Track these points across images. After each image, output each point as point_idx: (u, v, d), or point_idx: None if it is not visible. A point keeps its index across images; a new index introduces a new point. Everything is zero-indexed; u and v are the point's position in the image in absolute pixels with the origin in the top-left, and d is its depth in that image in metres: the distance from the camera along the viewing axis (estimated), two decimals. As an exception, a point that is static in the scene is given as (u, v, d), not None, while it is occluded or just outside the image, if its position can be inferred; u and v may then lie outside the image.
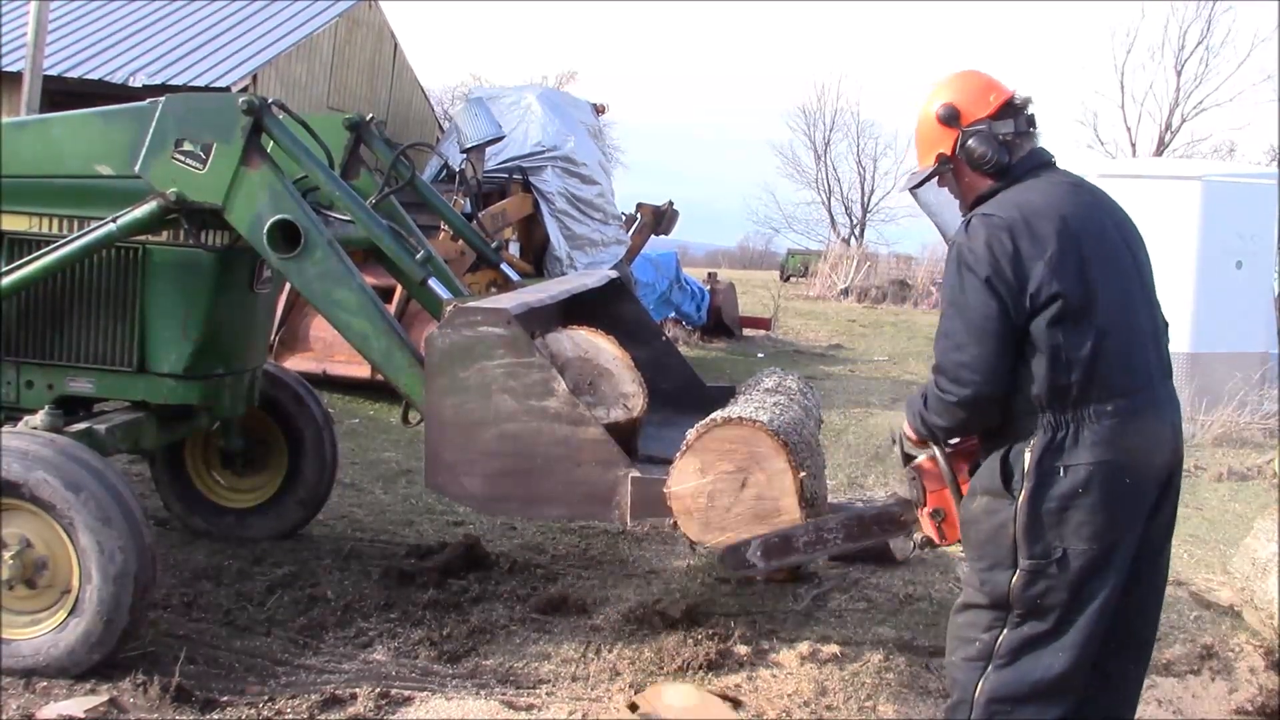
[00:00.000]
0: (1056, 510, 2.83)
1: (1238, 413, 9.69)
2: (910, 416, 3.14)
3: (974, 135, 3.02)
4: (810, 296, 27.99)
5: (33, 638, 3.75)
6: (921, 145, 3.16)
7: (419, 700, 3.76)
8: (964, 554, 3.09)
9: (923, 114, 3.14)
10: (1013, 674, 2.90)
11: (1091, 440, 2.83)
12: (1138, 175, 10.71)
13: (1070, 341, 2.82)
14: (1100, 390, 2.83)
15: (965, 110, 3.04)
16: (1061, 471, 2.83)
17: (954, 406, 2.92)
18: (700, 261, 43.86)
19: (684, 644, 4.26)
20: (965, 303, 2.87)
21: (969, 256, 2.87)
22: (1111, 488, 2.83)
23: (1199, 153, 37.99)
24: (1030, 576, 2.85)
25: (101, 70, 13.84)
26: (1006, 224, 2.86)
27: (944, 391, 2.92)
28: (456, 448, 3.73)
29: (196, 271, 4.29)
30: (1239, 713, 4.11)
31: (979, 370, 2.86)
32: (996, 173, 3.02)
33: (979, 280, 2.84)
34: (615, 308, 4.94)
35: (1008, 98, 3.06)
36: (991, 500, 2.91)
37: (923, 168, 3.16)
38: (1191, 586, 5.48)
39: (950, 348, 2.91)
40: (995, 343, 2.84)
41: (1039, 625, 2.88)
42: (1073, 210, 2.93)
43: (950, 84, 3.13)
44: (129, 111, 4.17)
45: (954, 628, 3.05)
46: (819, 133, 50.85)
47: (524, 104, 13.20)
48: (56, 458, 3.73)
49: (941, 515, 3.16)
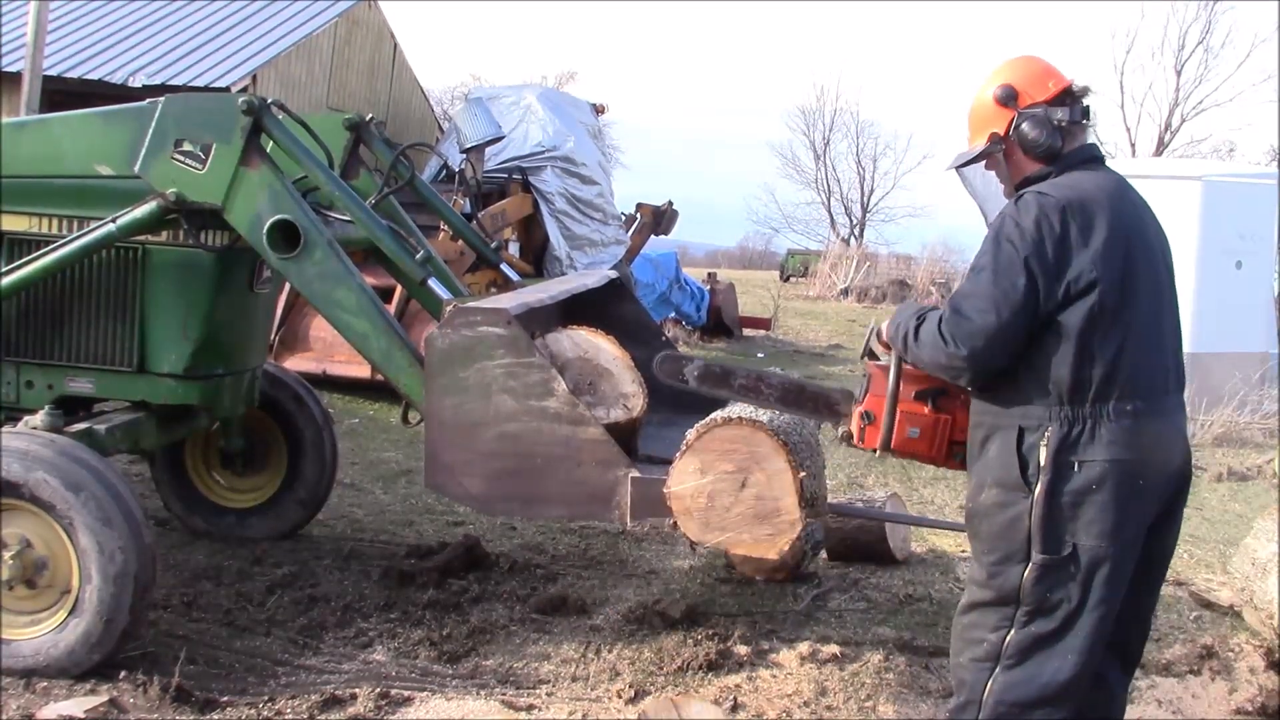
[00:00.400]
0: (1070, 505, 2.82)
1: (1238, 413, 9.68)
2: (894, 327, 3.10)
3: (1029, 118, 3.00)
4: (810, 296, 27.98)
5: (33, 638, 3.75)
6: (974, 124, 3.14)
7: (419, 700, 3.76)
8: (970, 549, 3.07)
9: (979, 95, 3.12)
10: (1021, 675, 2.89)
11: (1109, 438, 2.82)
12: (1137, 175, 10.60)
13: (1100, 335, 2.82)
14: (1122, 389, 2.82)
15: (1023, 92, 3.03)
16: (1077, 466, 2.82)
17: (947, 356, 2.90)
18: (700, 261, 43.82)
19: (684, 644, 4.26)
20: (998, 272, 2.85)
21: (1013, 231, 2.85)
22: (1124, 487, 2.82)
23: (1199, 153, 38.00)
24: (1042, 571, 2.84)
25: (101, 70, 13.83)
26: (1060, 204, 2.85)
27: (945, 341, 2.89)
28: (456, 448, 3.73)
29: (196, 271, 4.29)
30: (1239, 713, 4.11)
31: (987, 339, 2.84)
32: (1047, 157, 3.01)
33: (1019, 256, 2.82)
34: (615, 308, 4.94)
35: (1067, 85, 3.05)
36: (1004, 493, 2.89)
37: (972, 147, 3.13)
38: (1191, 586, 5.47)
39: (970, 308, 2.87)
40: (1013, 319, 2.82)
41: (1046, 624, 2.87)
42: (1124, 206, 2.93)
43: (1009, 67, 3.12)
44: (129, 111, 4.17)
45: (959, 628, 3.04)
46: (818, 133, 50.95)
47: (524, 104, 13.21)
48: (56, 458, 3.73)
49: (869, 419, 3.17)
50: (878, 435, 3.15)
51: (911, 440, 3.14)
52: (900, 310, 3.15)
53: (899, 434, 3.14)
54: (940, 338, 2.91)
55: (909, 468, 8.00)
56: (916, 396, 3.13)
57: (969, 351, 2.86)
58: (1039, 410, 2.86)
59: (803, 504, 3.45)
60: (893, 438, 3.14)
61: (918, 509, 6.54)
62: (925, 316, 3.02)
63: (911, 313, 3.07)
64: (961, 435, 3.14)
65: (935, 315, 2.99)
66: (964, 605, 3.04)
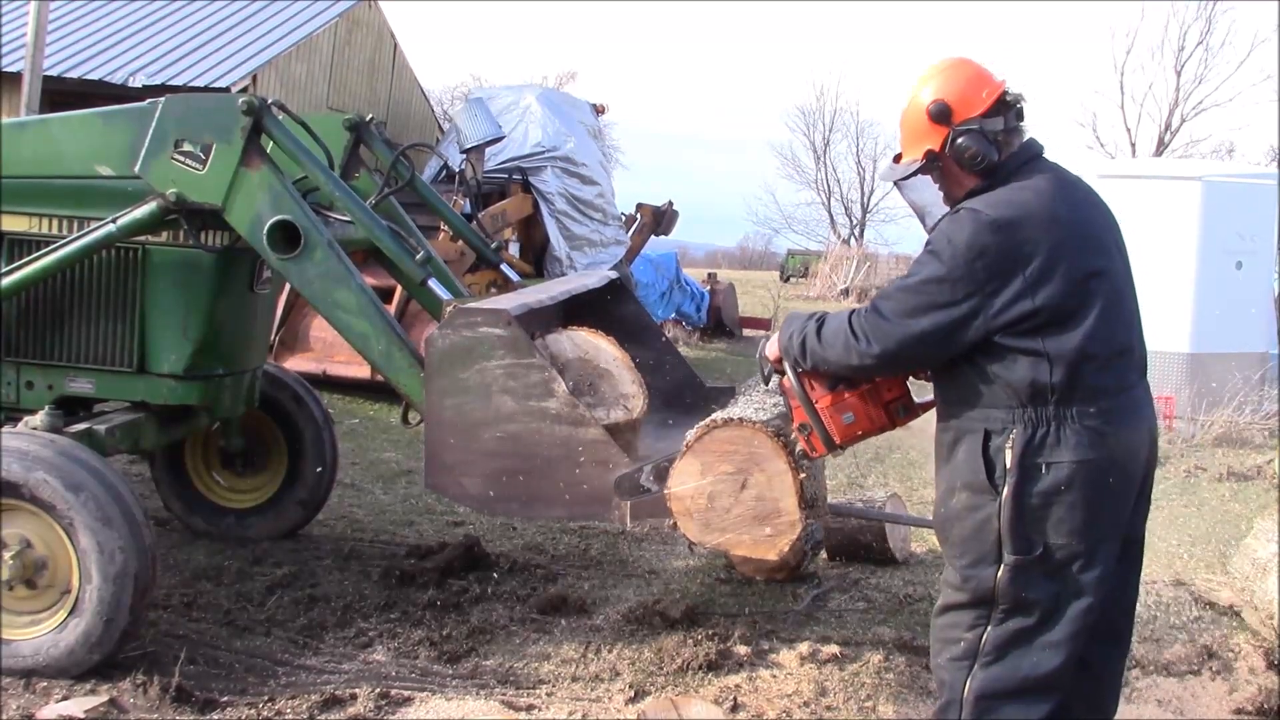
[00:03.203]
0: (1039, 506, 2.82)
1: (1238, 413, 9.68)
2: (785, 336, 3.10)
3: (965, 134, 2.95)
4: (810, 297, 28.01)
5: (33, 638, 3.75)
6: (908, 137, 3.08)
7: (419, 700, 3.76)
8: (942, 552, 3.08)
9: (912, 103, 3.05)
10: (1001, 670, 2.89)
11: (1075, 440, 2.81)
12: (1137, 175, 10.71)
13: (1053, 344, 2.80)
14: (1084, 392, 2.81)
15: (957, 108, 2.96)
16: (1044, 468, 2.82)
17: (857, 354, 2.91)
18: (700, 262, 43.85)
19: (684, 644, 4.25)
20: (926, 281, 2.85)
21: (945, 247, 2.84)
22: (1093, 486, 2.82)
23: (1199, 153, 38.00)
24: (1015, 572, 2.85)
25: (101, 70, 13.83)
26: (994, 224, 2.81)
27: (856, 337, 2.91)
28: (456, 448, 3.73)
29: (196, 272, 4.29)
30: (1239, 713, 4.11)
31: (899, 343, 2.86)
32: (985, 172, 2.97)
33: (946, 274, 2.81)
34: (615, 308, 4.94)
35: (999, 93, 2.99)
36: (973, 496, 2.89)
37: (909, 160, 3.08)
38: (1191, 586, 5.47)
39: (888, 309, 2.89)
40: (931, 330, 2.83)
41: (1024, 620, 2.88)
42: (1067, 211, 2.90)
43: (942, 76, 3.03)
44: (129, 112, 4.17)
45: (936, 629, 3.05)
46: (818, 133, 50.98)
47: (524, 104, 13.21)
48: (56, 458, 3.73)
49: (807, 429, 3.17)
50: (819, 439, 3.15)
51: (851, 425, 3.14)
52: (787, 322, 3.15)
53: (837, 426, 3.13)
54: (851, 334, 2.92)
55: (909, 468, 8.00)
56: (830, 388, 3.12)
57: (880, 350, 2.89)
58: (1002, 414, 2.85)
59: (803, 505, 3.44)
60: (834, 433, 3.14)
61: (918, 509, 6.53)
62: (824, 319, 3.03)
63: (804, 318, 3.09)
64: (890, 393, 3.13)
65: (841, 315, 3.00)
66: (940, 607, 3.05)
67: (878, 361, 2.92)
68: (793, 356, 3.09)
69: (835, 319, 3.00)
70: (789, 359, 3.11)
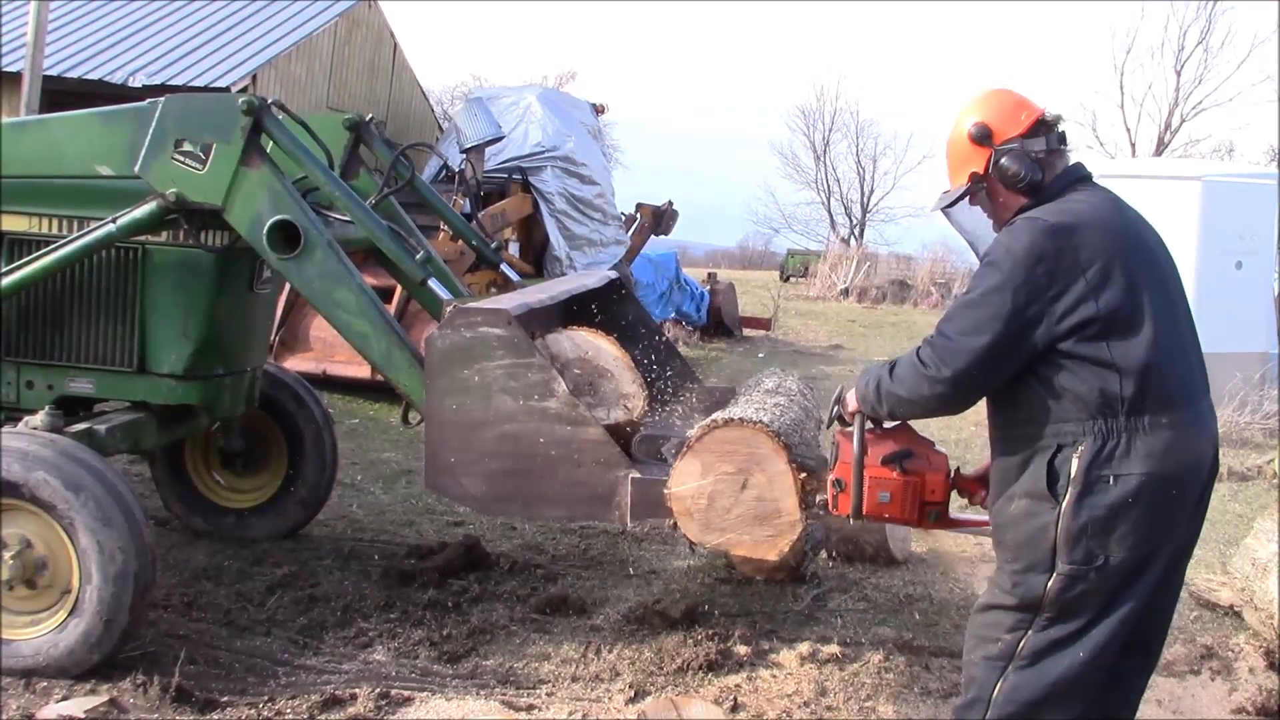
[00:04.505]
0: (1104, 519, 2.80)
1: (1238, 413, 9.68)
2: (862, 384, 3.12)
3: (1007, 153, 2.99)
4: (810, 297, 28.01)
5: (33, 638, 3.75)
6: (953, 164, 3.14)
7: (419, 700, 3.76)
8: (995, 555, 3.07)
9: (954, 133, 3.11)
10: (1033, 675, 2.89)
11: (1145, 451, 2.80)
12: (1137, 175, 10.69)
13: (1121, 353, 2.79)
14: (1155, 402, 2.81)
15: (997, 129, 3.02)
16: (1111, 480, 2.80)
17: (928, 382, 2.91)
18: (700, 261, 43.82)
19: (684, 644, 4.26)
20: (987, 294, 2.84)
21: (1005, 257, 2.84)
22: (1159, 499, 2.81)
23: (1198, 153, 38.00)
24: (1068, 581, 2.84)
25: (101, 70, 13.82)
26: (1052, 228, 2.84)
27: (925, 364, 2.91)
28: (456, 448, 3.73)
29: (196, 272, 4.29)
30: (1239, 713, 4.12)
31: (971, 358, 2.84)
32: (1030, 190, 2.99)
33: (1006, 282, 2.81)
34: (615, 308, 4.94)
35: (1039, 115, 3.04)
36: (1032, 503, 2.88)
37: (955, 187, 3.13)
38: (1191, 586, 5.46)
39: (951, 330, 2.89)
40: (1002, 339, 2.82)
41: (1066, 628, 2.87)
42: (1120, 224, 2.92)
43: (981, 103, 3.11)
44: (129, 112, 4.17)
45: (975, 626, 3.04)
46: (818, 133, 50.98)
47: (524, 104, 13.21)
48: (56, 458, 3.73)
49: (840, 486, 3.19)
50: (849, 502, 3.16)
51: (883, 505, 3.16)
52: (865, 372, 3.16)
53: (870, 500, 3.15)
54: (920, 364, 2.93)
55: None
56: (884, 461, 3.14)
57: (951, 373, 2.87)
58: (1073, 427, 2.84)
59: (803, 505, 3.45)
60: (864, 504, 3.16)
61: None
62: (897, 360, 3.04)
63: (878, 365, 3.11)
64: (932, 497, 3.15)
65: (909, 352, 3.01)
66: (983, 604, 3.04)
67: (951, 387, 2.89)
68: (869, 404, 3.10)
69: (904, 357, 3.01)
70: (866, 407, 3.12)
